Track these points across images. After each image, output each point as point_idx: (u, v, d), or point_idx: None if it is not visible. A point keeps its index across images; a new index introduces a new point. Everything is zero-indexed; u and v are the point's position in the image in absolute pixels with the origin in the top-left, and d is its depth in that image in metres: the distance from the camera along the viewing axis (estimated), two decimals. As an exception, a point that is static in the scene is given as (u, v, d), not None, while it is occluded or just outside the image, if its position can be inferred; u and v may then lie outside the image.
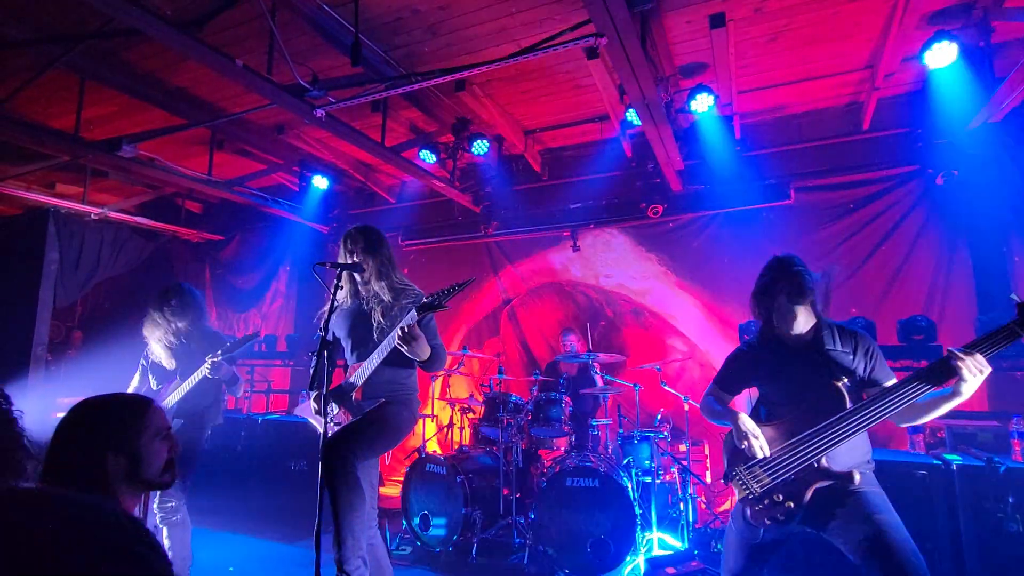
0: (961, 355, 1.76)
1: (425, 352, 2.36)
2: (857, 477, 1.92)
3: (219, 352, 3.10)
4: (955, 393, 1.83)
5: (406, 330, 2.27)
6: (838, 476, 1.94)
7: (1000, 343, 1.78)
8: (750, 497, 2.08)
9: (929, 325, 3.74)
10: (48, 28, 3.71)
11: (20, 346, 5.38)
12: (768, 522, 2.02)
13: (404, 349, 2.29)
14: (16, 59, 3.99)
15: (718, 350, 5.16)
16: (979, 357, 1.76)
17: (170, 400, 3.24)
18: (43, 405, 4.65)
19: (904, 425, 2.04)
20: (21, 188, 5.83)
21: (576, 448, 3.98)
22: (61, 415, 1.38)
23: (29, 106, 4.69)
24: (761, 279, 2.22)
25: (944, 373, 1.81)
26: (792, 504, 1.98)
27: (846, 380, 2.01)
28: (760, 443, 2.06)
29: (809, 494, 1.96)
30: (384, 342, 2.41)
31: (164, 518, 3.00)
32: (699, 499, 4.27)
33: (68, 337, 7.46)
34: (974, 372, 1.75)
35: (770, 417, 2.18)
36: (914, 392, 1.86)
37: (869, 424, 1.91)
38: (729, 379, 2.36)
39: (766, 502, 2.04)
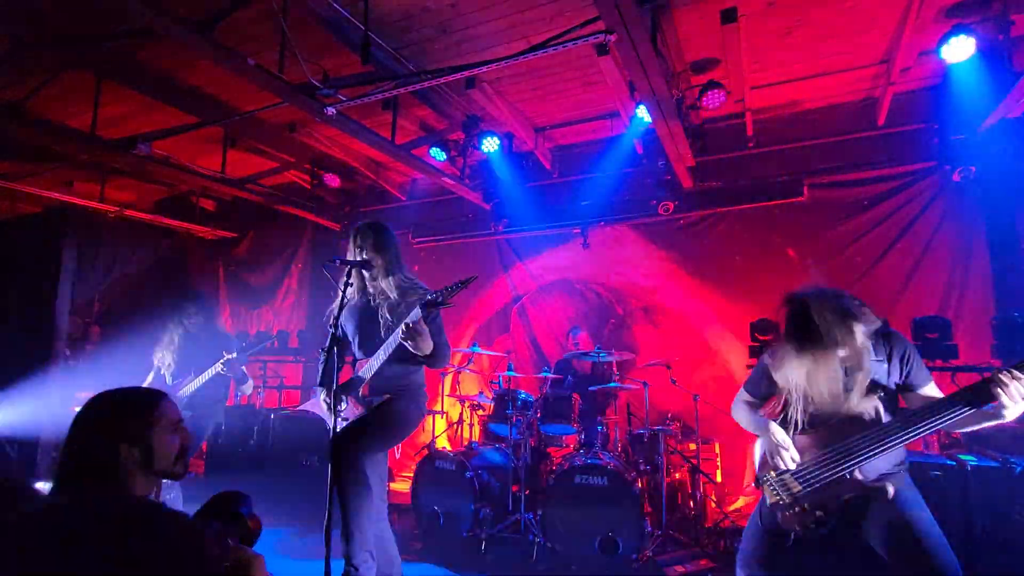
0: (1004, 380, 1.64)
1: (428, 347, 2.38)
2: (891, 491, 1.86)
3: (235, 352, 3.25)
4: (996, 416, 1.73)
5: (410, 326, 2.29)
6: (871, 489, 1.89)
7: None
8: (781, 503, 2.05)
9: (944, 324, 3.68)
10: (65, 29, 3.77)
11: (40, 342, 5.49)
12: (799, 528, 1.99)
13: (408, 345, 2.32)
14: (35, 60, 4.07)
15: (729, 348, 5.12)
16: None
17: (184, 392, 3.39)
18: (62, 399, 4.73)
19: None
20: (40, 186, 5.94)
21: (585, 445, 3.98)
22: (79, 409, 1.42)
23: (47, 106, 4.77)
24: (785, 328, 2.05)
25: (985, 396, 1.70)
26: (822, 513, 1.94)
27: (881, 392, 1.94)
28: (790, 455, 2.03)
29: (841, 503, 1.93)
30: (390, 339, 2.43)
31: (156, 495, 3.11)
32: (709, 497, 4.25)
33: (86, 332, 7.58)
34: (1016, 400, 1.63)
35: (802, 426, 2.11)
36: (954, 415, 1.77)
37: (904, 442, 1.85)
38: (758, 385, 2.29)
39: (796, 509, 2.00)
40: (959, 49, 3.51)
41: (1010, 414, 1.69)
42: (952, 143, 4.37)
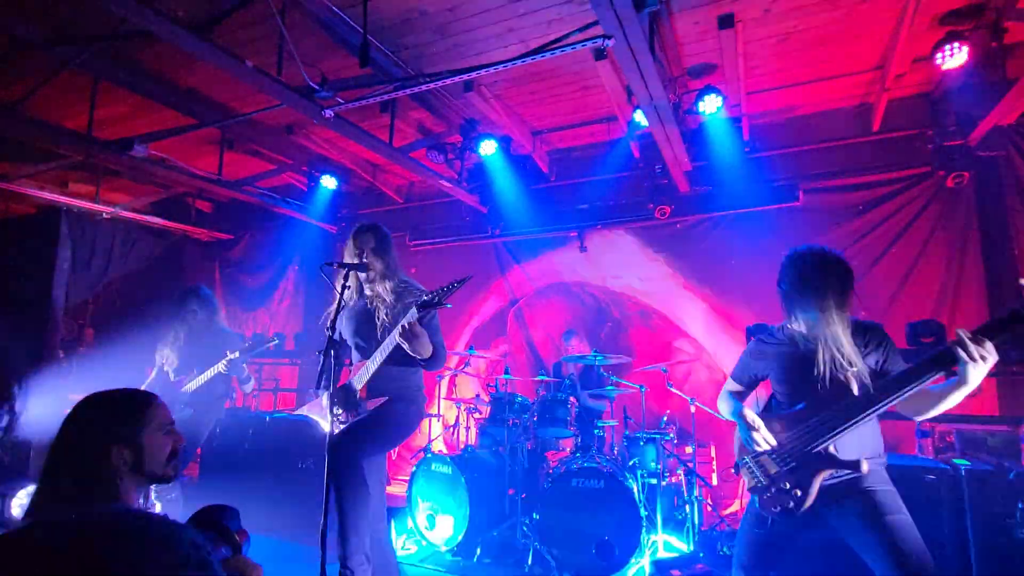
0: (967, 341, 1.69)
1: (427, 350, 2.37)
2: (865, 466, 1.89)
3: (236, 351, 3.27)
4: (961, 381, 1.76)
5: (406, 327, 2.28)
6: (845, 464, 1.92)
7: (1003, 328, 1.69)
8: (759, 486, 2.09)
9: (939, 328, 3.70)
10: (63, 30, 3.76)
11: (33, 343, 5.46)
12: (777, 509, 2.02)
13: (405, 346, 2.31)
14: (32, 60, 4.06)
15: (725, 352, 5.14)
16: (988, 345, 1.68)
17: (188, 388, 3.41)
18: (55, 401, 4.70)
19: (917, 418, 2.01)
20: (34, 187, 5.91)
21: (582, 449, 3.97)
22: (70, 409, 1.41)
23: (44, 106, 4.75)
24: (803, 274, 2.10)
25: (950, 360, 1.74)
26: (800, 492, 1.97)
27: (855, 369, 1.98)
28: (762, 435, 2.06)
29: (817, 482, 1.95)
30: (386, 341, 2.42)
31: (159, 495, 3.11)
32: (705, 501, 4.25)
33: (80, 334, 7.53)
34: (977, 359, 1.67)
35: (780, 409, 2.17)
36: (920, 380, 1.81)
37: (875, 411, 1.88)
38: (742, 372, 2.35)
39: (774, 490, 2.04)
40: (953, 56, 3.54)
41: (972, 377, 1.72)
42: (946, 149, 4.41)
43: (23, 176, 5.74)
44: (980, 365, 1.69)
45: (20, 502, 3.04)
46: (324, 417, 2.53)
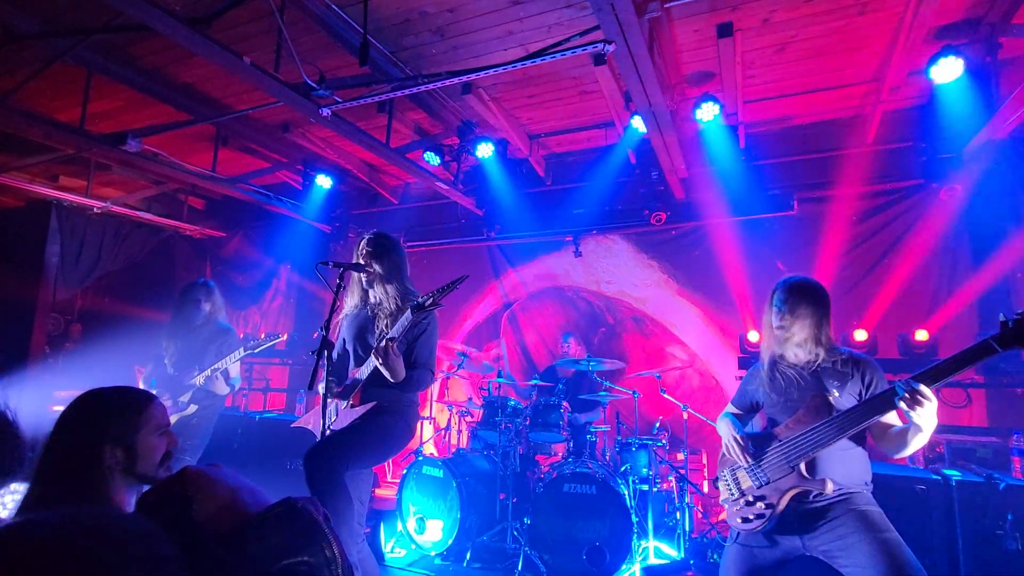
0: (902, 389, 1.80)
1: (399, 374, 2.34)
2: (830, 486, 1.94)
3: (244, 348, 3.30)
4: (914, 426, 1.86)
5: (381, 346, 2.26)
6: (812, 483, 1.98)
7: (957, 368, 1.79)
8: (731, 498, 2.18)
9: (931, 339, 3.73)
10: (57, 21, 3.72)
11: (19, 338, 5.38)
12: (740, 521, 2.09)
13: (379, 364, 2.29)
14: (24, 51, 4.00)
15: (718, 359, 5.15)
16: (923, 388, 1.77)
17: (195, 381, 3.41)
18: (41, 397, 4.63)
19: (891, 456, 2.05)
20: (24, 180, 5.83)
21: (574, 454, 3.96)
22: (58, 408, 1.38)
23: (36, 98, 4.70)
24: (790, 293, 2.19)
25: (891, 401, 1.85)
26: (764, 505, 2.04)
27: (836, 395, 2.05)
28: (741, 445, 2.14)
29: (786, 498, 2.01)
30: (370, 356, 2.41)
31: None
32: (696, 508, 4.25)
33: (67, 330, 7.43)
34: (912, 407, 1.77)
35: (765, 428, 2.25)
36: (875, 412, 1.90)
37: (842, 436, 1.94)
38: (740, 397, 2.43)
39: (742, 503, 2.12)
40: (947, 70, 3.58)
41: (920, 420, 1.82)
42: (939, 161, 4.44)
43: (13, 168, 5.66)
44: (921, 409, 1.77)
45: (6, 499, 2.97)
46: (317, 426, 2.49)
